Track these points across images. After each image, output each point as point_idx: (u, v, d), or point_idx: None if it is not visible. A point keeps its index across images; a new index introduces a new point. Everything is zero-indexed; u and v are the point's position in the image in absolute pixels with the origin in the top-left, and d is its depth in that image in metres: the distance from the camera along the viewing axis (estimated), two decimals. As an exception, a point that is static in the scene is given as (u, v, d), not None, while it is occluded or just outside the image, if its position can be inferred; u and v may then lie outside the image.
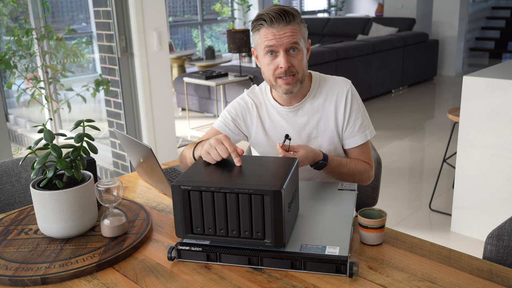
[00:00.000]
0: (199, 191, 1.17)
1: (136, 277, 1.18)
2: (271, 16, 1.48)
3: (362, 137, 1.65)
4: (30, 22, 4.30)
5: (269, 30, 1.49)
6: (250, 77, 5.34)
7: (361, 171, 1.64)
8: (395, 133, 5.09)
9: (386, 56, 6.58)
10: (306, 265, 1.16)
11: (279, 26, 1.48)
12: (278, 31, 1.48)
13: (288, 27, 1.49)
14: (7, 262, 1.23)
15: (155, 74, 3.47)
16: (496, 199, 2.76)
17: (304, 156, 1.47)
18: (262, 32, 1.51)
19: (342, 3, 11.68)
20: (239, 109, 1.69)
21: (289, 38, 1.49)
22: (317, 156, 1.51)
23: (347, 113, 1.63)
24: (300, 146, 1.48)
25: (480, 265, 1.18)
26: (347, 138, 1.66)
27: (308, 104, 1.64)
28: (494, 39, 9.54)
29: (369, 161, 1.68)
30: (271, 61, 1.53)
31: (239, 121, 1.69)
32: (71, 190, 1.28)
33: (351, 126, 1.64)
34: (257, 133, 1.69)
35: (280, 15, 1.47)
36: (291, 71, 1.52)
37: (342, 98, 1.63)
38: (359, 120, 1.64)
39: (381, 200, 2.39)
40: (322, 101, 1.64)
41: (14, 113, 5.51)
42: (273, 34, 1.49)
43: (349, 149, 1.67)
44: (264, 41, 1.51)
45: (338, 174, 1.61)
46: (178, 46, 9.42)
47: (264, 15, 1.49)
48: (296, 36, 1.50)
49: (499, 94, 2.63)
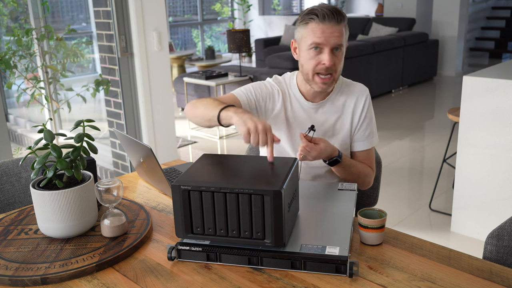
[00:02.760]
0: (199, 191, 1.17)
1: (136, 277, 1.18)
2: (325, 12, 1.50)
3: (369, 143, 1.70)
4: (30, 22, 4.30)
5: (319, 26, 1.50)
6: (250, 77, 5.33)
7: (366, 174, 1.69)
8: (395, 133, 5.09)
9: (386, 56, 6.58)
10: (306, 265, 1.16)
11: (330, 23, 1.50)
12: (328, 28, 1.50)
13: (338, 26, 1.51)
14: (7, 262, 1.23)
15: (155, 74, 3.47)
16: (496, 199, 2.76)
17: (324, 149, 1.50)
18: (311, 27, 1.52)
19: (342, 3, 11.68)
20: (265, 91, 1.68)
21: (337, 38, 1.51)
22: (334, 152, 1.55)
23: (362, 117, 1.67)
24: (321, 139, 1.52)
25: (480, 265, 1.18)
26: (357, 141, 1.70)
27: (330, 103, 1.68)
28: (494, 39, 9.54)
29: (372, 166, 1.74)
30: (314, 56, 1.54)
31: (260, 101, 1.68)
32: (71, 190, 1.28)
33: (363, 130, 1.68)
34: (277, 119, 1.68)
35: (333, 13, 1.50)
36: (331, 70, 1.55)
37: (360, 102, 1.67)
38: (370, 126, 1.70)
39: (381, 200, 2.39)
40: (343, 102, 1.68)
41: (14, 113, 5.51)
42: (322, 30, 1.50)
43: (356, 151, 1.71)
44: (312, 35, 1.52)
45: (347, 173, 1.64)
46: (178, 46, 9.42)
47: (318, 10, 1.51)
48: (342, 37, 1.53)
49: (499, 94, 2.63)
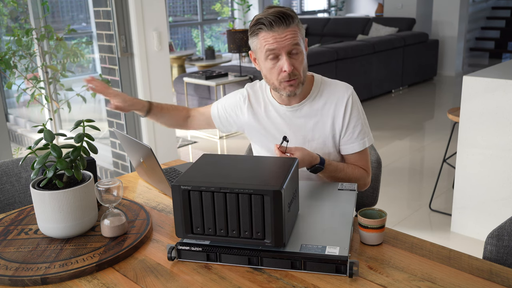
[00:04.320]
0: (199, 191, 1.17)
1: (136, 277, 1.18)
2: (270, 19, 1.44)
3: (360, 144, 1.63)
4: (30, 22, 4.30)
5: (269, 34, 1.46)
6: (250, 77, 5.34)
7: (358, 177, 1.63)
8: (395, 133, 5.09)
9: (386, 56, 6.58)
10: (306, 265, 1.16)
11: (279, 29, 1.45)
12: (279, 34, 1.45)
13: (288, 29, 1.46)
14: (7, 262, 1.23)
15: (155, 74, 3.47)
16: (496, 199, 2.76)
17: (300, 159, 1.46)
18: (262, 36, 1.48)
19: (342, 3, 11.68)
20: (233, 103, 1.76)
21: (291, 40, 1.46)
22: (314, 160, 1.51)
23: (346, 119, 1.60)
24: (297, 149, 1.47)
25: (480, 265, 1.18)
26: (345, 144, 1.64)
27: (307, 106, 1.63)
28: (494, 39, 9.54)
29: (366, 168, 1.67)
30: (274, 65, 1.50)
31: (232, 114, 1.76)
32: (71, 190, 1.28)
33: (350, 133, 1.62)
34: (251, 126, 1.71)
35: (279, 18, 1.44)
36: (294, 74, 1.51)
37: (342, 104, 1.60)
38: (358, 127, 1.62)
39: (381, 200, 2.39)
40: (322, 105, 1.62)
41: (14, 113, 5.51)
42: (273, 37, 1.46)
43: (346, 155, 1.66)
44: (265, 45, 1.48)
45: (335, 179, 1.61)
46: (178, 46, 9.42)
47: (263, 19, 1.46)
48: (296, 37, 1.48)
49: (499, 94, 2.63)
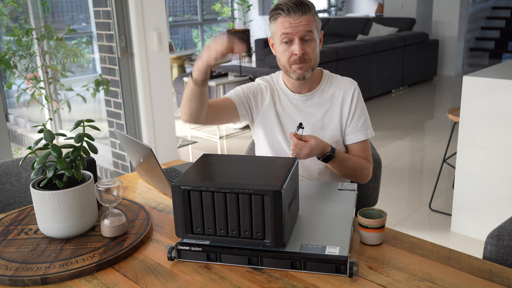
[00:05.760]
0: (199, 191, 1.17)
1: (136, 277, 1.18)
2: (289, 6, 1.57)
3: (364, 134, 1.72)
4: (30, 22, 4.30)
5: (286, 19, 1.57)
6: (250, 77, 5.33)
7: (363, 166, 1.70)
8: (395, 133, 5.09)
9: (386, 56, 6.58)
10: (306, 265, 1.16)
11: (296, 15, 1.56)
12: (295, 20, 1.57)
13: (304, 16, 1.57)
14: (7, 262, 1.23)
15: (155, 74, 3.47)
16: (496, 199, 2.76)
17: (315, 146, 1.52)
18: (279, 21, 1.59)
19: (342, 3, 11.68)
20: (253, 88, 1.78)
21: (304, 27, 1.57)
22: (326, 148, 1.58)
23: (352, 109, 1.70)
24: (311, 136, 1.54)
25: (480, 265, 1.18)
26: (350, 134, 1.71)
27: (318, 95, 1.72)
28: (494, 39, 9.54)
29: (369, 158, 1.74)
30: (287, 48, 1.61)
31: (251, 98, 1.76)
32: (71, 190, 1.28)
33: (355, 122, 1.70)
34: (267, 112, 1.74)
35: (296, 5, 1.57)
36: (305, 59, 1.60)
37: (349, 95, 1.70)
38: (362, 118, 1.71)
39: (381, 200, 2.39)
40: (331, 95, 1.72)
41: (14, 113, 5.51)
42: (289, 22, 1.57)
43: (350, 144, 1.73)
44: (281, 29, 1.59)
45: (343, 168, 1.65)
46: (178, 46, 9.42)
47: (282, 5, 1.58)
48: (310, 25, 1.58)
49: (499, 94, 2.63)
